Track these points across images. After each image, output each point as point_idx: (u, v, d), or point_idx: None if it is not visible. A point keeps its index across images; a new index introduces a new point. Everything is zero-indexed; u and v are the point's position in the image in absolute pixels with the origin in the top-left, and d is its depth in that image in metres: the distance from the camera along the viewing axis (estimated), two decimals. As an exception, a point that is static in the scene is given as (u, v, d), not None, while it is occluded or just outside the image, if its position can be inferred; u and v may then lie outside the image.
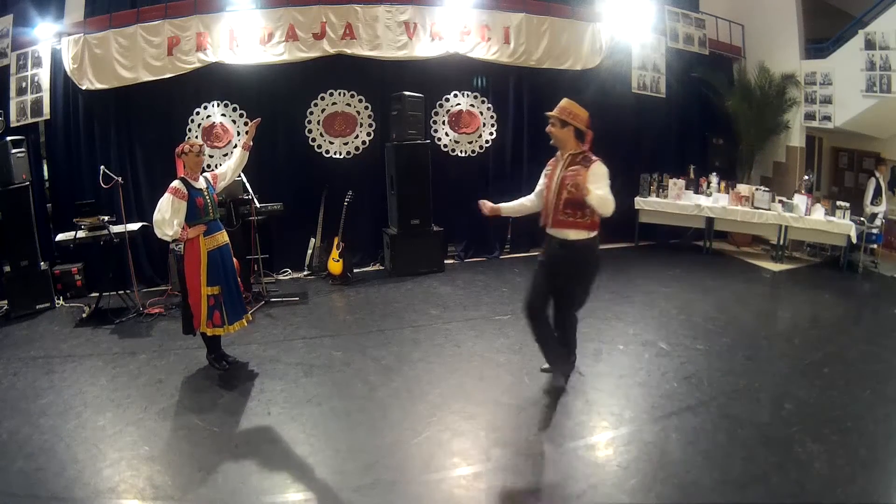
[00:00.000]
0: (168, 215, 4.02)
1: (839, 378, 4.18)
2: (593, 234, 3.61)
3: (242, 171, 5.94)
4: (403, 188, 6.90)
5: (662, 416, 3.69)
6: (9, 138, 5.69)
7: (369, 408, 3.89)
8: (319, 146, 7.17)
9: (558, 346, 3.96)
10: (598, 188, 3.34)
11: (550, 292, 3.78)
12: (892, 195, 7.55)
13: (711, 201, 7.75)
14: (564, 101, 3.65)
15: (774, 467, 3.12)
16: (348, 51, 6.81)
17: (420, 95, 6.92)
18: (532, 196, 3.97)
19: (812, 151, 8.27)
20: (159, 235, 4.12)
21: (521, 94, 7.77)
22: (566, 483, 3.06)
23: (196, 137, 6.74)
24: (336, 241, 6.78)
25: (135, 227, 5.91)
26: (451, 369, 4.45)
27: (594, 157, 3.51)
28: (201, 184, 4.25)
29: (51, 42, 6.24)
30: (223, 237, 4.36)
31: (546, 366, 4.16)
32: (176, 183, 4.09)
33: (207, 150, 6.78)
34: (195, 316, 4.26)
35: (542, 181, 3.80)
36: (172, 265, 6.31)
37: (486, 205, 3.97)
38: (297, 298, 6.20)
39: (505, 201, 8.23)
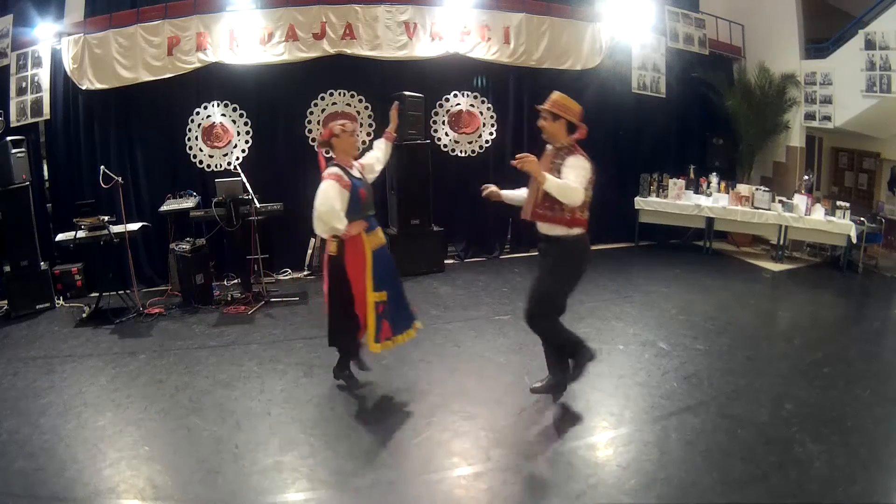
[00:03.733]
0: (337, 205, 3.47)
1: (839, 378, 4.18)
2: (574, 231, 3.39)
3: (242, 171, 5.99)
4: (403, 188, 6.90)
5: (662, 416, 3.69)
6: (9, 138, 5.69)
7: (369, 408, 3.89)
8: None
9: (576, 343, 3.72)
10: (565, 177, 3.22)
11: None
12: (893, 195, 7.55)
13: (711, 201, 7.75)
14: (556, 95, 3.52)
15: (774, 467, 3.12)
16: (348, 51, 6.81)
17: (420, 95, 6.92)
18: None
19: (812, 151, 8.26)
20: (324, 232, 3.57)
21: (521, 94, 7.77)
22: (566, 483, 3.06)
23: (196, 138, 6.74)
24: (336, 241, 6.77)
25: (135, 227, 5.90)
26: (451, 369, 4.45)
27: (577, 150, 3.40)
28: (356, 172, 3.69)
29: (51, 42, 6.24)
30: (382, 235, 3.81)
31: (537, 385, 3.83)
32: (335, 169, 3.55)
33: (207, 150, 6.79)
34: (364, 328, 3.73)
35: None
36: (173, 265, 6.31)
37: (489, 187, 3.86)
38: (297, 298, 6.20)
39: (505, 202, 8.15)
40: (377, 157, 3.99)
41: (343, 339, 3.92)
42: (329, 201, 3.48)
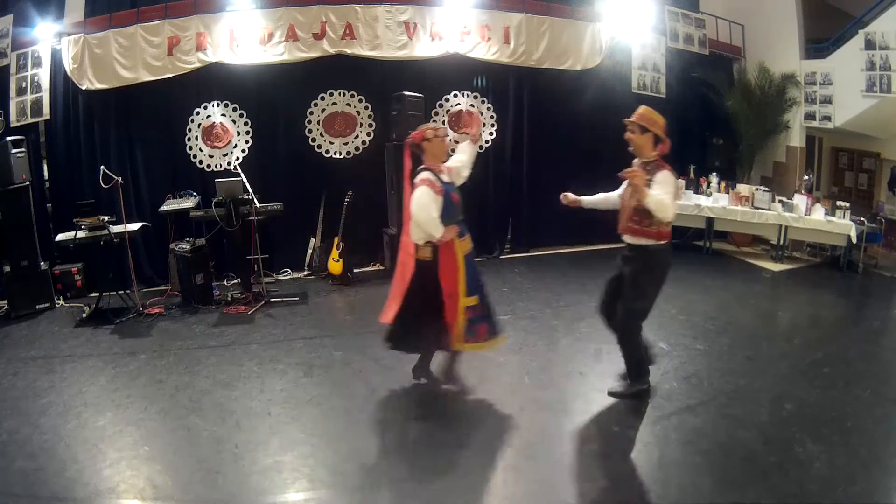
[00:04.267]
0: (434, 212, 3.41)
1: (839, 378, 4.18)
2: (661, 242, 3.54)
3: (242, 171, 5.99)
4: (403, 188, 6.88)
5: (662, 416, 3.69)
6: (9, 138, 5.69)
7: (369, 408, 3.89)
8: (319, 146, 7.17)
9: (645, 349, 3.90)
10: (659, 193, 3.34)
11: (615, 296, 3.79)
12: (893, 195, 7.55)
13: (711, 201, 7.75)
14: (643, 108, 3.62)
15: (774, 467, 3.12)
16: (348, 51, 6.81)
17: (420, 95, 6.91)
18: (618, 192, 3.93)
19: (812, 151, 8.27)
20: (420, 239, 3.51)
21: (521, 94, 7.77)
22: (566, 483, 3.06)
23: (196, 138, 6.75)
24: (336, 241, 6.78)
25: (135, 227, 5.90)
26: (451, 369, 4.45)
27: (665, 165, 3.50)
28: (446, 176, 3.64)
29: (51, 42, 6.24)
30: (470, 240, 3.78)
31: (613, 389, 3.95)
32: (427, 174, 3.49)
33: (207, 151, 6.80)
34: (449, 332, 3.68)
35: (624, 184, 3.75)
36: (173, 265, 6.31)
37: (568, 196, 3.97)
38: (297, 298, 6.20)
39: (505, 202, 8.25)
40: (462, 160, 3.93)
41: (418, 342, 3.86)
42: (426, 208, 3.45)
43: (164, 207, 6.23)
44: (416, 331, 3.75)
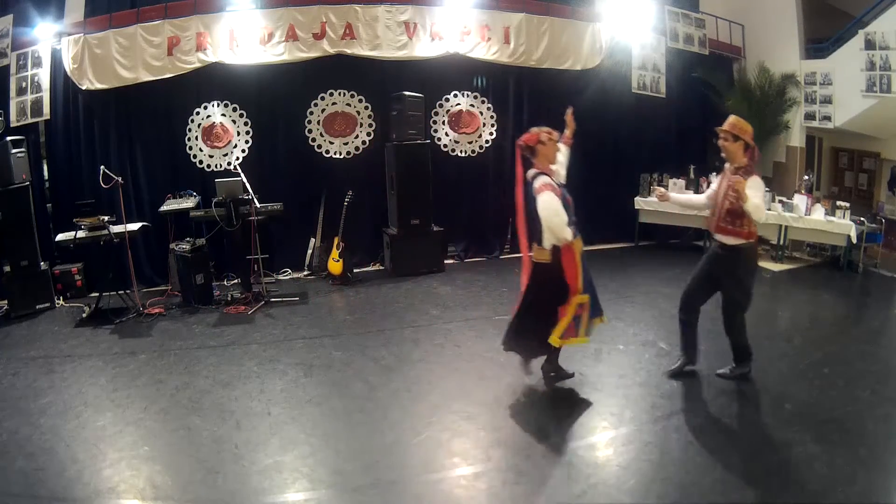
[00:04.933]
0: (564, 216, 3.50)
1: (839, 378, 4.18)
2: (750, 241, 3.84)
3: (242, 171, 5.99)
4: (403, 188, 6.90)
5: (662, 416, 3.69)
6: (9, 138, 5.70)
7: (369, 408, 3.89)
8: (319, 146, 7.17)
9: (694, 340, 4.20)
10: (754, 196, 3.64)
11: (703, 289, 4.08)
12: (893, 195, 7.55)
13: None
14: (734, 118, 3.87)
15: (774, 467, 3.12)
16: (348, 51, 6.81)
17: (420, 95, 6.92)
18: (703, 197, 4.29)
19: (812, 151, 8.27)
20: (557, 240, 3.57)
21: (521, 94, 7.78)
22: (566, 483, 3.06)
23: (196, 138, 6.75)
24: (336, 241, 6.78)
25: (135, 227, 5.90)
26: (451, 369, 4.45)
27: (754, 171, 3.79)
28: (556, 178, 3.69)
29: (51, 42, 6.25)
30: (581, 240, 3.80)
31: (674, 368, 4.23)
32: (546, 179, 3.55)
33: (207, 150, 6.80)
34: (556, 326, 3.73)
35: (713, 188, 4.09)
36: (173, 265, 6.32)
37: (659, 190, 4.32)
38: (297, 298, 6.20)
39: (505, 202, 8.25)
40: (563, 162, 3.99)
41: (531, 345, 3.93)
42: (559, 213, 3.52)
43: (164, 207, 6.23)
44: (530, 332, 3.83)
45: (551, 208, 3.49)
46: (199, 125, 6.77)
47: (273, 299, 6.09)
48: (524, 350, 4.03)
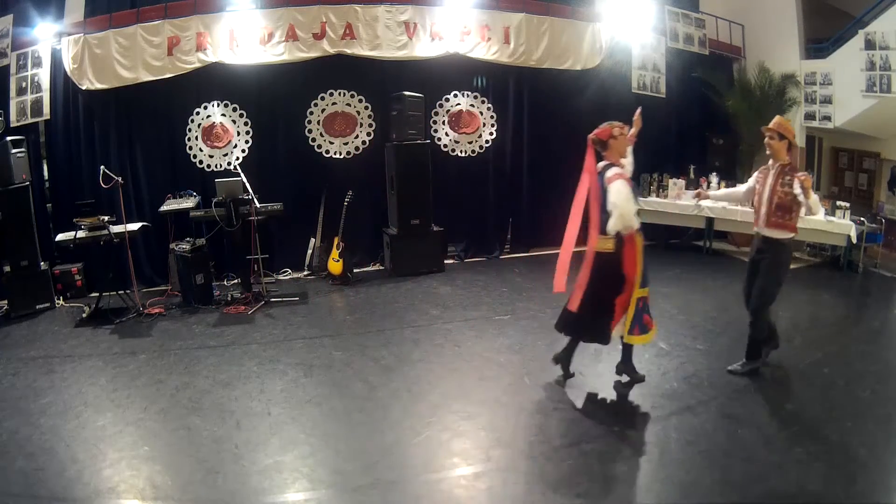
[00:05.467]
0: (634, 204, 3.65)
1: (839, 378, 4.18)
2: (793, 235, 4.05)
3: (242, 171, 5.99)
4: (403, 188, 6.90)
5: (662, 416, 3.69)
6: (9, 138, 5.69)
7: (369, 408, 3.89)
8: (319, 146, 7.17)
9: (773, 327, 4.32)
10: (798, 191, 3.90)
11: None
12: (893, 195, 7.55)
13: (711, 201, 7.74)
14: (779, 118, 4.12)
15: (774, 467, 3.12)
16: (348, 51, 6.81)
17: (420, 95, 6.92)
18: (743, 188, 4.41)
19: (812, 151, 8.27)
20: (624, 230, 3.67)
21: (521, 94, 7.77)
22: (566, 483, 3.06)
23: (196, 138, 6.75)
24: (336, 241, 6.78)
25: (135, 227, 5.90)
26: (451, 369, 4.45)
27: (797, 168, 4.02)
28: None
29: (51, 42, 6.24)
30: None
31: (732, 368, 4.31)
32: (619, 169, 3.70)
33: (207, 151, 6.80)
34: (616, 320, 3.85)
35: (751, 182, 4.25)
36: (173, 265, 6.32)
37: (698, 192, 4.64)
38: (297, 298, 6.20)
39: (505, 202, 8.24)
40: (630, 160, 4.08)
41: (589, 331, 3.97)
42: (630, 200, 3.66)
43: (164, 207, 6.23)
44: (588, 319, 3.90)
45: (624, 195, 3.63)
46: (199, 125, 6.77)
47: (273, 299, 6.09)
48: (580, 334, 4.05)
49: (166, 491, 3.04)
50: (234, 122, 6.86)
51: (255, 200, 5.86)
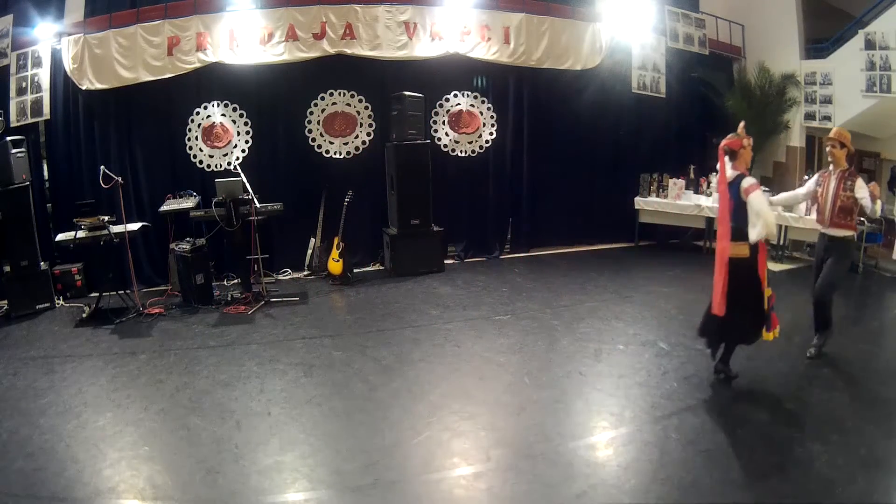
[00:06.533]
0: (773, 212, 3.91)
1: (839, 378, 4.18)
2: (853, 233, 4.46)
3: (242, 171, 5.99)
4: (403, 188, 6.90)
5: (662, 416, 3.69)
6: (9, 138, 5.69)
7: (369, 408, 3.89)
8: (319, 146, 7.17)
9: (830, 324, 4.56)
10: (861, 196, 4.24)
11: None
12: (893, 195, 7.54)
13: (711, 201, 7.73)
14: (839, 128, 4.44)
15: (774, 467, 3.12)
16: (348, 51, 6.81)
17: (420, 95, 6.92)
18: (802, 192, 4.73)
19: (812, 151, 8.26)
20: (768, 234, 3.82)
21: (521, 94, 7.78)
22: (566, 483, 3.06)
23: (196, 138, 6.75)
24: (336, 241, 6.79)
25: (135, 227, 5.90)
26: (451, 369, 4.45)
27: (856, 174, 4.35)
28: None
29: (51, 42, 6.25)
30: None
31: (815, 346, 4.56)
32: (753, 179, 3.89)
33: (207, 150, 6.80)
34: (765, 320, 4.02)
35: (811, 185, 4.55)
36: (173, 265, 6.32)
37: None
38: (297, 298, 6.20)
39: (505, 202, 8.24)
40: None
41: (736, 333, 4.10)
42: (771, 210, 3.87)
43: (164, 207, 6.23)
44: (736, 322, 3.99)
45: (766, 205, 3.82)
46: (199, 125, 6.77)
47: (273, 299, 6.09)
48: (727, 338, 4.13)
49: (166, 491, 3.04)
50: (234, 122, 6.86)
51: (255, 200, 5.86)
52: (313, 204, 7.09)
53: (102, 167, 5.58)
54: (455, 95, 7.56)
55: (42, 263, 6.04)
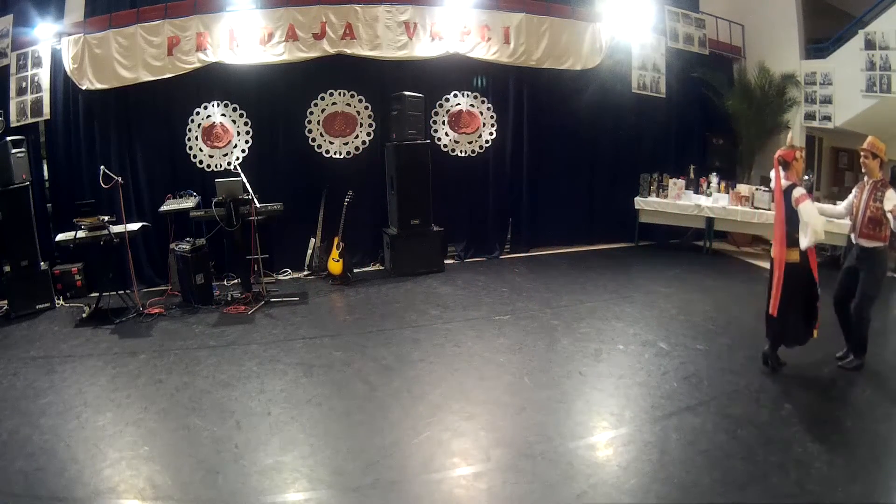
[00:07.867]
0: (823, 221, 4.06)
1: (839, 378, 4.18)
2: (885, 244, 4.34)
3: (242, 171, 5.99)
4: (403, 188, 6.90)
5: (662, 416, 3.69)
6: (9, 138, 5.69)
7: (369, 408, 3.89)
8: (319, 146, 7.17)
9: (865, 347, 4.48)
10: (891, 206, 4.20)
11: (851, 289, 4.45)
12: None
13: (711, 201, 7.75)
14: (872, 138, 4.33)
15: (774, 467, 3.12)
16: (348, 51, 6.81)
17: (420, 95, 6.92)
18: (842, 207, 4.64)
19: (812, 151, 8.26)
20: (818, 241, 4.09)
21: (521, 94, 7.77)
22: (566, 483, 3.06)
23: (196, 138, 6.75)
24: (336, 241, 6.79)
25: (135, 226, 5.90)
26: (451, 369, 4.45)
27: (888, 184, 4.28)
28: None
29: (51, 42, 6.25)
30: None
31: (840, 353, 4.53)
32: (803, 189, 4.11)
33: (207, 150, 6.80)
34: (819, 321, 4.30)
35: (850, 199, 4.51)
36: (173, 265, 6.32)
37: None
38: (297, 298, 6.20)
39: (505, 202, 8.24)
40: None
41: (790, 335, 4.34)
42: (822, 219, 4.04)
43: (164, 207, 6.23)
44: (790, 324, 4.28)
45: (816, 214, 4.01)
46: (199, 125, 6.77)
47: (273, 299, 6.09)
48: (782, 339, 4.35)
49: (166, 491, 3.04)
50: (234, 122, 6.86)
51: (255, 200, 5.86)
52: (313, 204, 7.09)
53: (102, 167, 5.57)
54: (455, 95, 7.56)
55: (42, 263, 6.04)
